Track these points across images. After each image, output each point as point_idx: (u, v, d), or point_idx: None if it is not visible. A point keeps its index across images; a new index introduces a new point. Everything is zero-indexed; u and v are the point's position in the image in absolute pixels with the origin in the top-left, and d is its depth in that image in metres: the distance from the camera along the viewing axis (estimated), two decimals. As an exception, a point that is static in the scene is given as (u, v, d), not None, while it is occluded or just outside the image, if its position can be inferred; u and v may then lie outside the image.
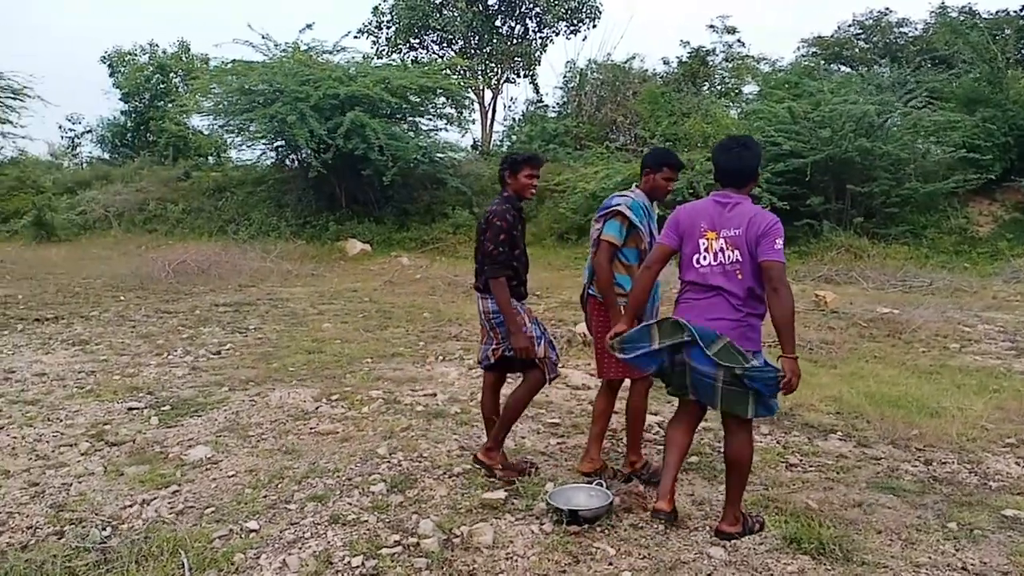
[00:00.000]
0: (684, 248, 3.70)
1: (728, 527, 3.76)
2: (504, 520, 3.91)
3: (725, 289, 3.59)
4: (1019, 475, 4.66)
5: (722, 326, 3.58)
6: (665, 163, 4.38)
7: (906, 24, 23.90)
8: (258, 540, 3.71)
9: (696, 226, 3.66)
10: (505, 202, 4.35)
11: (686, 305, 3.71)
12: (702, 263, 3.62)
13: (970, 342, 8.48)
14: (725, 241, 3.59)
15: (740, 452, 3.78)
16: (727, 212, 3.64)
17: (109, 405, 6.04)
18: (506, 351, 4.38)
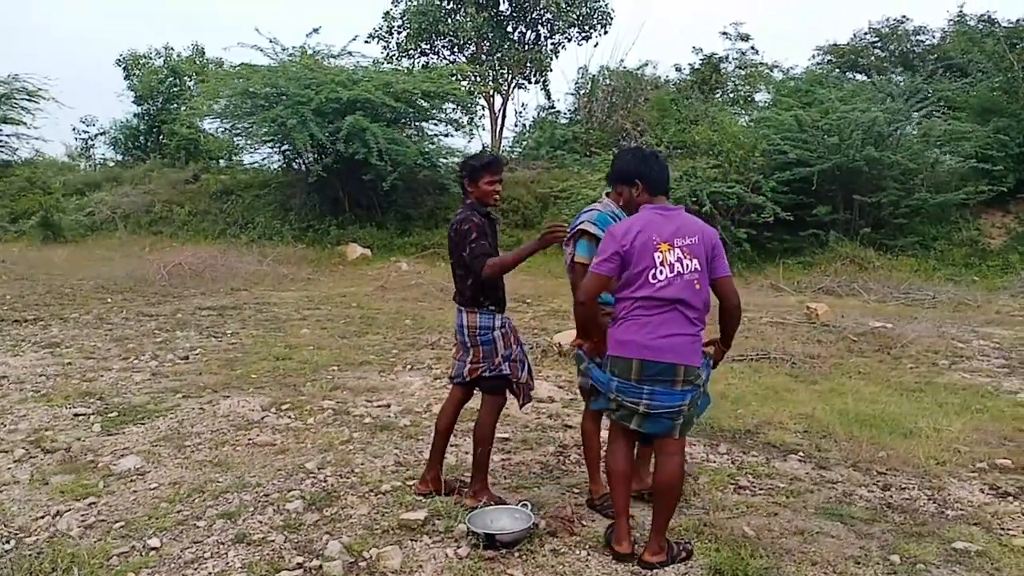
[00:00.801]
0: (634, 267, 3.41)
1: (651, 557, 3.53)
2: (420, 542, 3.72)
3: (685, 301, 3.42)
4: (980, 503, 4.39)
5: (677, 343, 3.43)
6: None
7: (923, 32, 23.46)
8: (156, 559, 3.55)
9: (648, 241, 3.42)
10: (469, 210, 4.07)
11: (635, 323, 3.45)
12: (659, 277, 3.40)
13: (961, 358, 8.16)
14: (681, 251, 3.42)
15: (675, 476, 3.58)
16: (675, 221, 3.50)
17: (57, 410, 5.94)
18: (485, 372, 4.09)
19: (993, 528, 4.05)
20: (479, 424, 4.17)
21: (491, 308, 4.09)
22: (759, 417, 6.01)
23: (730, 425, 5.80)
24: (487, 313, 4.07)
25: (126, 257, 17.11)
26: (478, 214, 4.05)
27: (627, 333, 3.44)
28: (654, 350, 3.38)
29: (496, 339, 4.07)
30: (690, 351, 3.44)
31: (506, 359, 4.07)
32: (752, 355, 8.15)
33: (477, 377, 4.14)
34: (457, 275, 4.16)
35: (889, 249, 15.42)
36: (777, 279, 14.33)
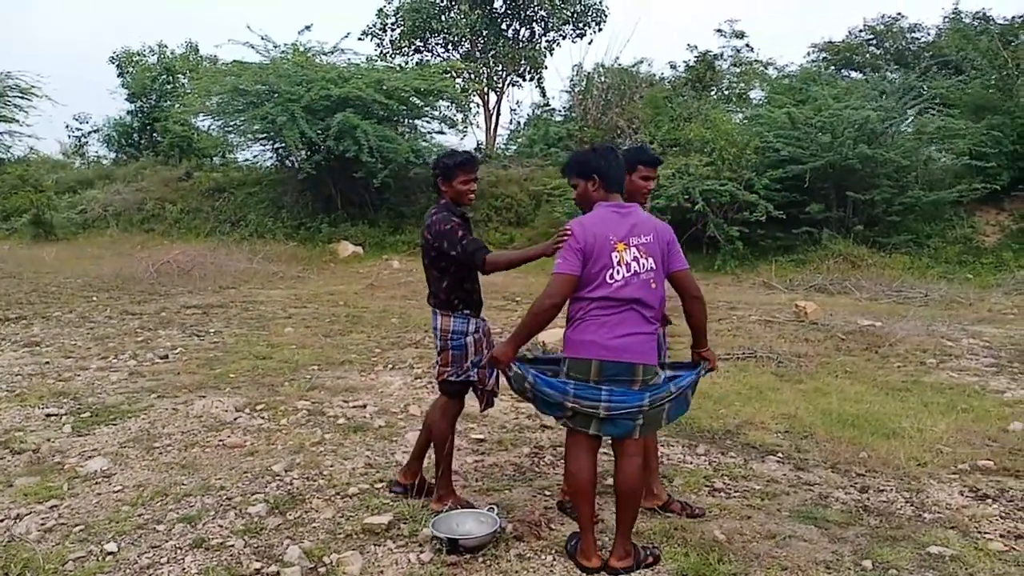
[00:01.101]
0: (592, 267, 3.33)
1: (617, 562, 3.45)
2: (383, 547, 3.64)
3: (641, 301, 3.35)
4: (959, 506, 4.31)
5: (635, 342, 3.35)
6: (638, 161, 3.93)
7: (918, 29, 23.35)
8: (112, 564, 3.48)
9: (604, 240, 3.33)
10: (443, 210, 3.94)
11: (593, 323, 3.36)
12: (616, 277, 3.32)
13: (950, 357, 8.08)
14: (637, 250, 3.35)
15: (636, 479, 3.51)
16: (631, 219, 3.41)
17: (30, 411, 5.85)
18: (451, 376, 3.98)
19: (970, 532, 3.97)
20: (433, 430, 4.08)
21: (466, 312, 3.97)
22: (741, 417, 5.94)
23: (710, 425, 5.72)
24: (461, 317, 3.96)
25: (116, 255, 17.04)
26: (453, 214, 3.93)
27: (585, 334, 3.36)
28: (613, 350, 3.30)
29: (468, 344, 3.95)
30: (648, 350, 3.38)
31: (475, 365, 3.96)
32: (738, 354, 8.08)
33: (443, 380, 4.05)
34: (432, 276, 4.04)
35: (882, 247, 15.34)
36: (770, 277, 14.26)
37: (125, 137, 26.94)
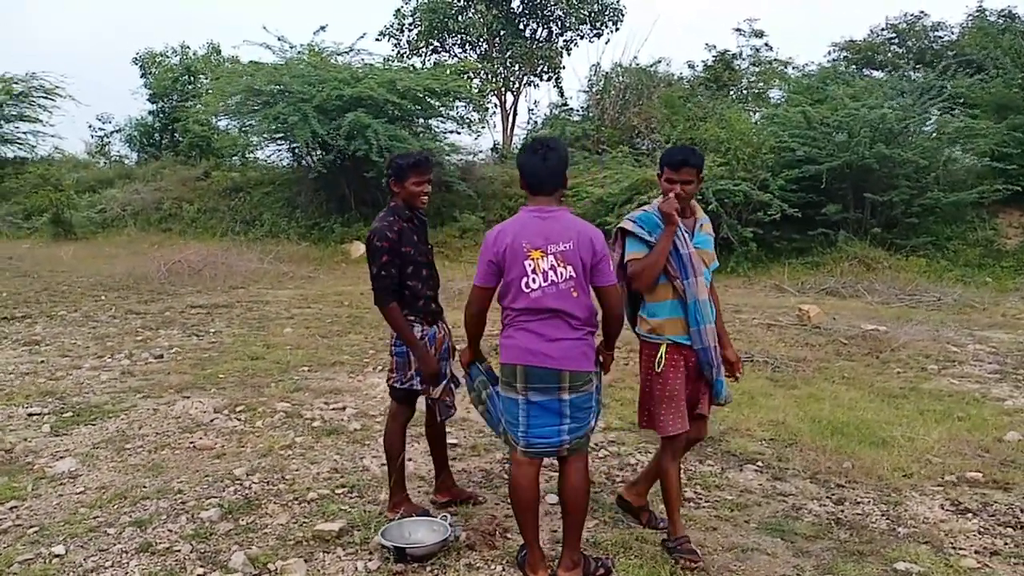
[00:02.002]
0: (508, 275, 3.24)
1: (565, 573, 3.35)
2: (332, 555, 3.59)
3: (561, 311, 3.23)
4: (937, 520, 4.16)
5: (564, 347, 3.24)
6: (664, 163, 3.66)
7: (941, 28, 22.86)
8: (57, 567, 3.46)
9: (517, 247, 3.20)
10: (391, 214, 3.85)
11: (518, 329, 3.28)
12: (532, 287, 3.20)
13: (953, 363, 7.87)
14: (555, 258, 3.20)
15: (582, 485, 3.39)
16: (550, 225, 3.24)
17: (13, 410, 5.89)
18: (396, 383, 3.96)
19: (944, 547, 3.83)
20: (385, 437, 4.05)
21: (409, 318, 3.86)
22: (727, 423, 5.81)
23: (693, 432, 5.59)
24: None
25: (132, 254, 17.17)
26: (399, 219, 3.83)
27: (510, 340, 3.29)
28: (537, 355, 3.21)
29: (408, 352, 3.86)
30: (576, 355, 3.24)
31: (418, 373, 3.87)
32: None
33: (389, 385, 4.01)
34: None
35: (900, 249, 15.03)
36: (782, 280, 14.04)
37: (146, 137, 27.20)
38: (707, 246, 3.68)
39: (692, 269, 3.54)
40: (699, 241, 3.64)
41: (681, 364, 3.60)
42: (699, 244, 3.63)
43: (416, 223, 3.94)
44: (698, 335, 3.56)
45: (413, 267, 3.84)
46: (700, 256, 3.59)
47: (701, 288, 3.55)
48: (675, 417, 3.58)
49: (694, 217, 3.71)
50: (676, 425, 3.58)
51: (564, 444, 3.27)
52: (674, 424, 3.58)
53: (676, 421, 3.58)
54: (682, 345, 3.59)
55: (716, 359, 3.62)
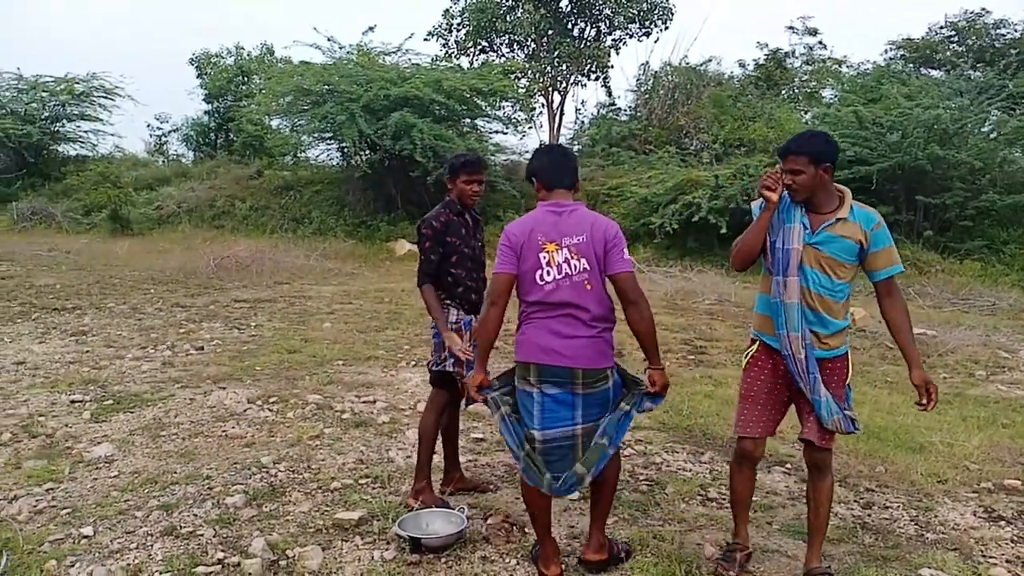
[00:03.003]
0: (522, 266, 3.26)
1: (594, 555, 3.42)
2: (350, 543, 3.64)
3: (574, 304, 3.23)
4: (967, 527, 4.05)
5: (578, 345, 3.23)
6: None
7: (1004, 25, 22.16)
8: (84, 547, 3.57)
9: (533, 240, 3.24)
10: (443, 207, 4.09)
11: (532, 326, 3.28)
12: (546, 279, 3.23)
13: (1002, 369, 7.64)
14: (569, 251, 3.23)
15: (613, 473, 3.45)
16: (565, 219, 3.27)
17: (57, 397, 6.07)
18: (432, 365, 4.12)
19: (973, 555, 3.73)
20: (421, 420, 4.17)
21: (446, 302, 4.08)
22: (759, 425, 5.71)
23: (723, 433, 5.53)
24: (443, 308, 4.05)
25: (184, 250, 17.57)
26: (451, 213, 4.05)
27: (525, 336, 3.30)
28: (550, 353, 3.21)
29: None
30: (592, 353, 3.23)
31: (451, 355, 3.96)
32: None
33: (429, 369, 4.15)
34: None
35: (954, 252, 14.64)
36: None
37: (202, 136, 27.86)
38: (833, 249, 3.16)
39: (788, 267, 3.19)
40: (822, 240, 3.17)
41: (768, 367, 3.36)
42: (818, 243, 3.18)
43: (468, 219, 4.13)
44: (780, 339, 3.25)
45: (457, 257, 4.06)
46: (819, 257, 3.17)
47: (792, 290, 3.18)
48: (747, 417, 3.40)
49: (834, 212, 3.20)
50: (746, 426, 3.41)
51: (577, 429, 3.25)
52: (744, 424, 3.41)
53: (748, 422, 3.40)
54: (775, 348, 3.31)
55: (805, 375, 3.20)
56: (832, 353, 3.26)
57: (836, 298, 3.23)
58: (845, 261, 3.19)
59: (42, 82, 24.93)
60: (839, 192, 3.25)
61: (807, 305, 3.20)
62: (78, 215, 22.03)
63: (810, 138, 3.23)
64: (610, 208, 17.51)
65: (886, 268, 3.23)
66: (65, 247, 17.46)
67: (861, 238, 3.16)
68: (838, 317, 3.25)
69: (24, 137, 23.50)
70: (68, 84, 24.91)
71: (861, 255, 3.20)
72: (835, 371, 3.29)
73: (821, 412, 3.22)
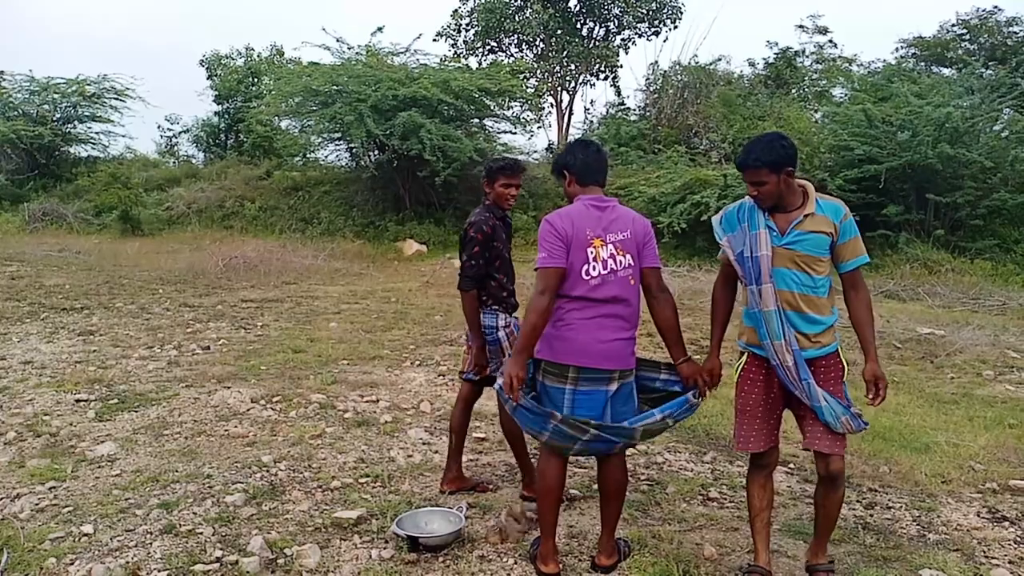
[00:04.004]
0: (570, 262, 3.20)
1: (607, 560, 3.45)
2: (348, 542, 3.64)
3: (620, 299, 3.25)
4: (970, 527, 4.01)
5: (617, 348, 3.26)
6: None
7: (1016, 23, 21.97)
8: (84, 545, 3.58)
9: (582, 234, 3.21)
10: (486, 211, 4.10)
11: (573, 328, 3.23)
12: (592, 273, 3.21)
13: (1010, 369, 7.57)
14: (614, 246, 3.25)
15: (622, 478, 3.47)
16: (609, 215, 3.29)
17: (62, 396, 6.10)
18: (493, 372, 4.08)
19: (975, 555, 3.70)
20: (503, 425, 4.19)
21: (494, 307, 4.09)
22: (763, 425, 5.68)
23: (726, 433, 5.49)
24: (490, 312, 4.07)
25: (194, 250, 17.63)
26: (493, 216, 4.09)
27: (565, 337, 3.23)
28: (593, 357, 3.21)
29: (501, 339, 4.05)
30: (627, 354, 3.30)
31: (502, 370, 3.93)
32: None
33: (488, 376, 4.12)
34: None
35: (964, 252, 14.53)
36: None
37: (212, 137, 27.97)
38: (806, 246, 3.10)
39: (760, 274, 3.13)
40: (793, 239, 3.10)
41: (760, 378, 3.28)
42: (790, 243, 3.10)
43: (504, 223, 4.17)
44: (766, 349, 3.17)
45: (500, 262, 4.09)
46: (793, 257, 3.10)
47: (767, 298, 3.11)
48: (747, 433, 3.32)
49: (800, 210, 3.13)
50: (747, 442, 3.32)
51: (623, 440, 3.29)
52: (745, 440, 3.32)
53: (748, 438, 3.32)
54: (764, 358, 3.22)
55: (798, 382, 3.11)
56: (824, 351, 3.18)
57: (819, 294, 3.16)
58: (820, 256, 3.13)
59: (54, 84, 25.07)
60: (801, 187, 3.19)
61: (791, 308, 3.12)
62: (89, 216, 22.13)
63: (766, 147, 3.10)
64: (618, 208, 17.46)
65: (852, 260, 3.19)
66: (76, 248, 17.54)
67: (831, 230, 3.12)
68: (825, 313, 3.17)
69: (36, 139, 23.63)
70: (80, 85, 25.03)
71: (831, 247, 3.15)
72: (830, 369, 3.21)
73: (827, 419, 3.11)
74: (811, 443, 3.20)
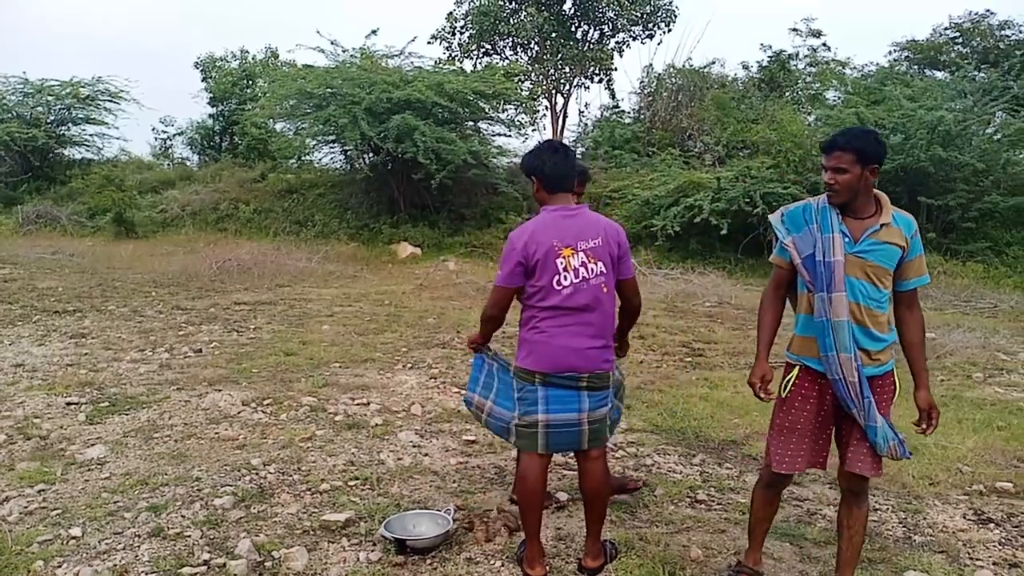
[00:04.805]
0: (539, 278, 3.23)
1: (593, 562, 3.45)
2: (336, 544, 3.65)
3: (592, 307, 3.26)
4: (956, 529, 4.04)
5: (587, 356, 3.28)
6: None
7: (1008, 27, 22.09)
8: (72, 548, 3.59)
9: (548, 246, 3.22)
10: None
11: (545, 336, 3.27)
12: (563, 283, 3.22)
13: (1001, 372, 7.61)
14: (585, 254, 3.25)
15: (603, 479, 3.48)
16: (579, 222, 3.30)
17: (53, 399, 6.10)
18: None
19: (960, 557, 3.72)
20: None
21: None
22: (753, 428, 5.72)
23: (716, 435, 5.53)
24: None
25: (188, 253, 17.60)
26: None
27: (536, 345, 3.28)
28: (563, 363, 3.25)
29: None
30: (600, 359, 3.33)
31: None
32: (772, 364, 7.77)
33: None
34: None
35: (957, 255, 14.60)
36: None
37: (207, 140, 27.96)
38: (879, 257, 2.93)
39: (833, 281, 2.91)
40: (866, 248, 2.93)
41: (814, 395, 3.05)
42: (862, 251, 2.93)
43: None
44: (828, 362, 2.96)
45: None
46: (864, 267, 2.92)
47: (839, 306, 2.89)
48: (791, 454, 3.09)
49: (876, 216, 2.97)
50: (786, 462, 3.10)
51: (583, 417, 3.31)
52: (785, 460, 3.10)
53: (790, 460, 3.09)
54: (819, 372, 3.02)
55: (859, 400, 2.94)
56: (882, 370, 3.03)
57: (883, 309, 2.97)
58: (890, 269, 2.95)
59: (48, 86, 25.02)
60: (875, 195, 3.01)
61: (856, 321, 2.92)
62: (82, 218, 22.09)
63: (860, 134, 2.94)
64: (612, 210, 17.50)
65: (916, 278, 3.03)
66: (69, 250, 17.52)
67: (904, 244, 2.95)
68: (886, 331, 3.00)
69: (29, 141, 23.58)
70: (73, 88, 25.00)
71: (900, 262, 2.96)
72: (884, 390, 3.07)
73: (877, 439, 2.98)
74: (853, 466, 3.03)
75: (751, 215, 14.95)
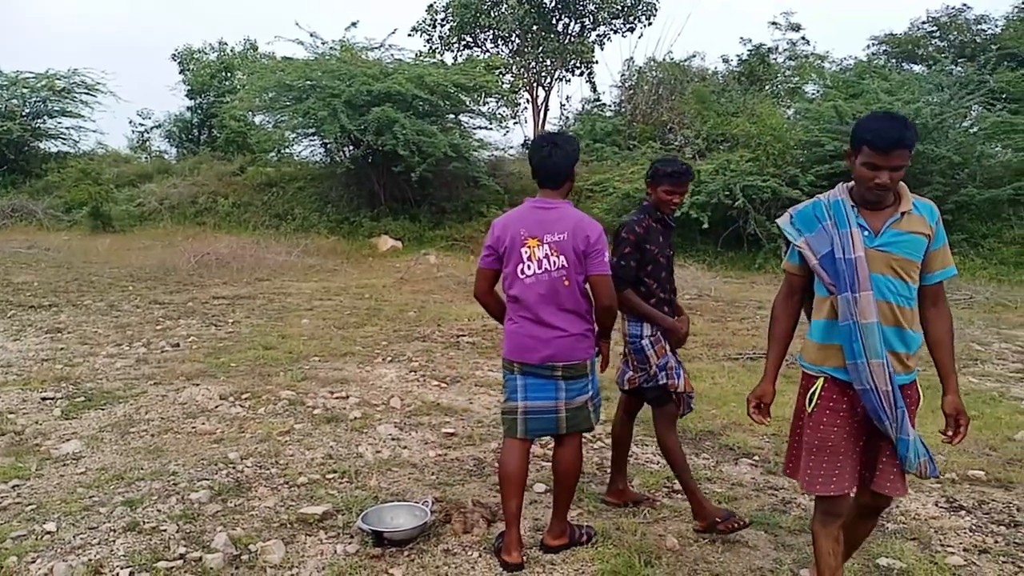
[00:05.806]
0: (507, 263, 3.41)
1: (553, 540, 3.53)
2: (313, 537, 3.65)
3: (551, 299, 3.35)
4: (928, 516, 4.09)
5: (555, 345, 3.38)
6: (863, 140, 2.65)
7: (985, 21, 22.32)
8: (47, 543, 3.56)
9: (516, 235, 3.36)
10: (642, 212, 3.89)
11: (515, 324, 3.45)
12: (527, 272, 3.36)
13: (975, 362, 7.71)
14: (550, 247, 3.33)
15: (574, 462, 3.55)
16: (548, 217, 3.38)
17: (28, 394, 6.04)
18: (643, 383, 3.91)
19: (932, 544, 3.77)
20: (659, 442, 3.98)
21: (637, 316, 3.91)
22: (731, 418, 5.77)
23: (694, 426, 5.56)
24: (634, 320, 3.88)
25: (165, 247, 17.46)
26: (648, 219, 3.86)
27: (509, 332, 3.47)
28: (529, 350, 3.38)
29: (645, 347, 3.85)
30: (571, 347, 3.39)
31: (661, 368, 3.85)
32: (750, 354, 7.86)
33: (637, 387, 3.95)
34: None
35: (933, 247, 14.74)
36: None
37: (185, 132, 27.74)
38: (904, 248, 2.65)
39: (857, 280, 2.62)
40: (889, 240, 2.66)
41: (844, 408, 2.73)
42: (885, 244, 2.66)
43: (663, 225, 3.93)
44: (856, 371, 2.65)
45: (653, 265, 3.85)
46: (889, 261, 2.65)
47: (866, 307, 2.61)
48: (826, 473, 2.73)
49: (895, 207, 2.70)
50: (826, 484, 2.73)
51: (560, 405, 3.40)
52: (822, 482, 2.74)
53: (827, 479, 2.73)
54: (846, 382, 2.71)
55: (892, 410, 2.66)
56: (911, 377, 2.79)
57: (913, 306, 2.71)
58: (918, 260, 2.67)
59: (23, 78, 24.70)
60: None
61: (887, 322, 2.65)
62: (59, 212, 21.86)
63: (912, 125, 2.65)
64: (593, 204, 17.53)
65: (941, 270, 2.74)
66: (45, 244, 17.36)
67: (928, 232, 2.67)
68: (918, 330, 2.75)
69: (4, 134, 23.30)
70: (49, 80, 24.71)
71: (924, 252, 2.68)
72: (911, 399, 2.80)
73: (908, 454, 2.69)
74: (883, 486, 2.77)
75: (731, 208, 15.03)
